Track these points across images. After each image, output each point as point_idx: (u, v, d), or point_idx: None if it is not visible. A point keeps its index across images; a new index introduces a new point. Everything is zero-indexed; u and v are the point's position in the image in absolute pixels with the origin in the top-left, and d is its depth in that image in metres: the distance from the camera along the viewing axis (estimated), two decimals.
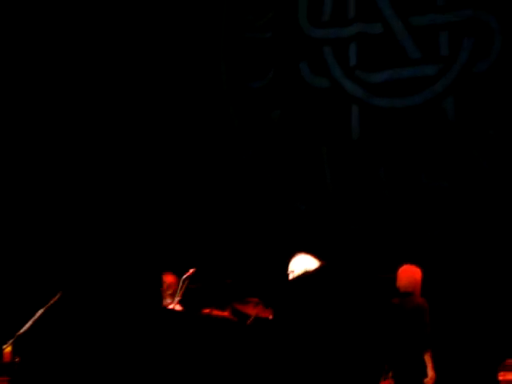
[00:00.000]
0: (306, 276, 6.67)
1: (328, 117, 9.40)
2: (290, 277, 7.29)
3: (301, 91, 9.50)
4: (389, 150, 9.20)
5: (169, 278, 8.36)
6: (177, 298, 7.24)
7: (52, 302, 7.44)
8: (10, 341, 7.37)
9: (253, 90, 9.55)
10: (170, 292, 8.22)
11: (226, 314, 8.85)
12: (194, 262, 7.34)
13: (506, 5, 8.59)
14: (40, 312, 7.39)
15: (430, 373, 7.56)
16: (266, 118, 9.52)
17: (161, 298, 8.23)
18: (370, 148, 9.23)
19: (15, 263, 9.88)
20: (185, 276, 7.20)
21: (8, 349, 7.64)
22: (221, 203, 9.71)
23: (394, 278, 8.01)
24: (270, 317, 7.25)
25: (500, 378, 7.78)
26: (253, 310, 8.79)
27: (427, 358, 7.57)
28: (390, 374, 7.01)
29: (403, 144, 9.13)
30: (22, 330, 7.31)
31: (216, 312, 8.80)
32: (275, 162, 9.42)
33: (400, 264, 7.76)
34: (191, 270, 7.21)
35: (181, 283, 7.27)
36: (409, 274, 7.75)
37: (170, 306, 7.43)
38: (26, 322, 7.32)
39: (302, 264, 7.35)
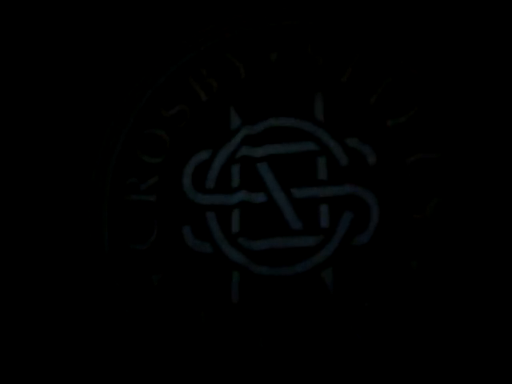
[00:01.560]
0: None
1: (209, 282, 9.46)
2: None
3: (183, 255, 9.57)
4: (268, 316, 9.30)
5: None
6: None
7: None
8: None
9: (135, 252, 9.53)
10: None
11: None
12: None
13: (384, 181, 9.08)
14: None
15: None
16: (147, 281, 9.49)
17: None
18: (249, 314, 9.31)
19: None
20: None
21: None
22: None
23: None
24: None
25: None
26: None
27: None
28: None
29: (282, 312, 9.26)
30: None
31: None
32: (154, 326, 9.31)
33: None
34: None
35: None
36: None
37: None
38: None
39: None
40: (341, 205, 9.35)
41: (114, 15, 9.48)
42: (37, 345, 8.45)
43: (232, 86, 9.66)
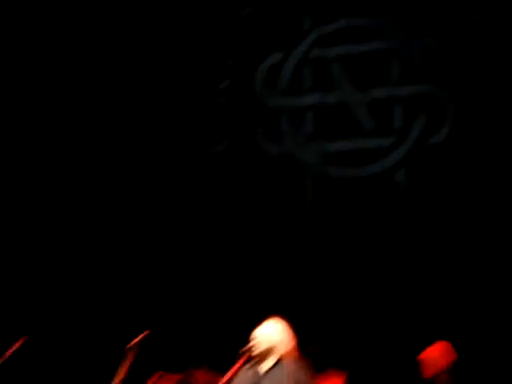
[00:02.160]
0: None
1: (282, 185, 9.49)
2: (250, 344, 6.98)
3: (256, 158, 9.58)
4: (341, 218, 9.32)
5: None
6: (127, 363, 6.95)
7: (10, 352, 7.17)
8: None
9: (208, 156, 9.61)
10: None
11: (175, 378, 8.67)
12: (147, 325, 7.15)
13: (459, 80, 8.93)
14: None
15: None
16: (224, 184, 9.58)
17: None
18: (323, 215, 9.34)
19: None
20: (135, 340, 6.97)
21: None
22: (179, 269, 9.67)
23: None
24: None
25: None
26: (202, 377, 8.65)
27: None
28: None
29: (356, 214, 9.27)
30: None
31: (167, 377, 8.61)
32: (230, 230, 9.45)
33: None
34: (143, 334, 6.98)
35: (132, 347, 7.00)
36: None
37: None
38: None
39: (267, 330, 6.99)
40: (415, 105, 9.23)
41: None
42: None
43: None
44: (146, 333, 7.00)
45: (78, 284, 9.85)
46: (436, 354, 7.50)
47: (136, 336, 6.99)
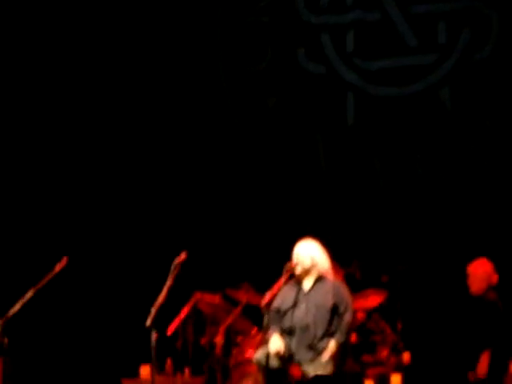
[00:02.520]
0: None
1: (323, 103, 9.38)
2: (293, 262, 7.20)
3: (297, 77, 9.46)
4: (384, 138, 9.20)
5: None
6: (168, 283, 7.05)
7: (42, 283, 7.29)
8: None
9: (249, 75, 9.50)
10: None
11: (216, 299, 8.80)
12: (187, 246, 7.21)
13: None
14: (30, 293, 7.22)
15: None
16: (262, 104, 9.50)
17: None
18: (365, 136, 9.23)
19: (5, 244, 9.76)
20: (176, 261, 7.04)
21: None
22: (216, 189, 9.69)
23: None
24: (261, 303, 7.17)
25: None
26: (243, 296, 8.79)
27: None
28: None
29: (398, 133, 9.14)
30: (11, 312, 7.13)
31: (207, 297, 8.75)
32: (271, 147, 9.40)
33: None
34: (182, 255, 7.05)
35: (172, 267, 7.08)
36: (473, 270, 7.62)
37: None
38: (16, 304, 7.14)
39: (308, 251, 7.26)
40: (459, 20, 8.95)
41: None
42: None
43: None
44: (184, 253, 7.06)
45: (116, 204, 9.96)
46: (484, 270, 7.54)
47: (176, 256, 7.07)
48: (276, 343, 7.17)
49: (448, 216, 8.97)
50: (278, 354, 7.10)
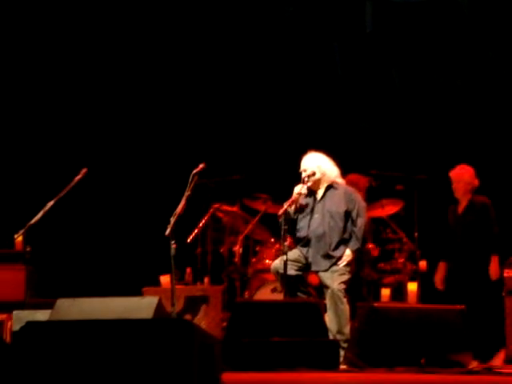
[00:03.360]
0: None
1: (342, 11, 9.24)
2: (303, 176, 7.27)
3: None
4: (402, 46, 9.09)
5: None
6: (186, 193, 7.08)
7: (62, 193, 7.37)
8: (22, 230, 7.31)
9: None
10: None
11: (234, 209, 8.88)
12: (204, 157, 7.23)
13: None
14: (51, 203, 7.30)
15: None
16: (281, 12, 9.38)
17: None
18: (383, 44, 9.11)
19: (28, 155, 9.83)
20: (194, 171, 7.07)
21: (20, 238, 7.64)
22: (233, 99, 9.67)
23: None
24: (278, 213, 7.24)
25: (504, 274, 7.90)
26: (262, 206, 8.86)
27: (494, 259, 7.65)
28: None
29: (416, 40, 9.01)
30: (33, 220, 7.23)
31: (225, 207, 8.82)
32: (289, 55, 9.30)
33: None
34: (201, 166, 7.08)
35: (190, 178, 7.11)
36: (456, 176, 7.79)
37: None
38: (38, 213, 7.23)
39: (315, 162, 7.33)
40: None
41: None
42: None
43: None
44: (202, 165, 7.09)
45: (136, 116, 9.97)
46: (466, 174, 7.69)
47: (194, 167, 7.10)
48: (294, 252, 7.27)
49: (462, 127, 8.94)
50: (295, 262, 7.20)
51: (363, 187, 8.34)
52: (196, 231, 8.43)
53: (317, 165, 7.31)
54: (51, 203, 7.33)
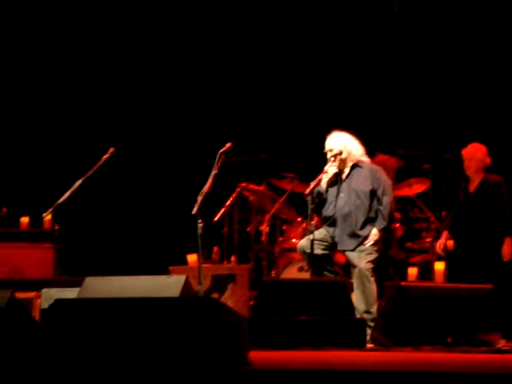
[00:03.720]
0: None
1: None
2: (328, 156, 7.26)
3: None
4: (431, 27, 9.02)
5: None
6: (213, 172, 7.09)
7: (90, 172, 7.41)
8: (50, 209, 7.37)
9: None
10: None
11: (261, 188, 8.89)
12: (231, 136, 7.23)
13: None
14: (78, 182, 7.34)
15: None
16: None
17: None
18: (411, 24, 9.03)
19: (57, 135, 9.89)
20: (221, 150, 7.07)
21: (48, 217, 7.71)
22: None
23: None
24: (305, 192, 7.23)
25: None
26: (288, 185, 8.86)
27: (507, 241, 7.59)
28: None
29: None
30: (61, 199, 7.28)
31: (252, 186, 8.84)
32: None
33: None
34: (228, 145, 7.08)
35: (217, 157, 7.12)
36: (469, 154, 7.74)
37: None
38: (66, 192, 7.28)
39: (340, 141, 7.31)
40: None
41: None
42: None
43: None
44: (229, 144, 7.10)
45: (164, 97, 9.99)
46: (479, 152, 7.62)
47: (221, 146, 7.11)
48: (320, 231, 7.27)
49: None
50: (322, 242, 7.21)
51: (392, 168, 8.31)
52: (223, 210, 8.45)
53: (343, 144, 7.29)
54: (79, 182, 7.37)
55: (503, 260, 7.54)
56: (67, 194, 7.33)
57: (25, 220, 8.26)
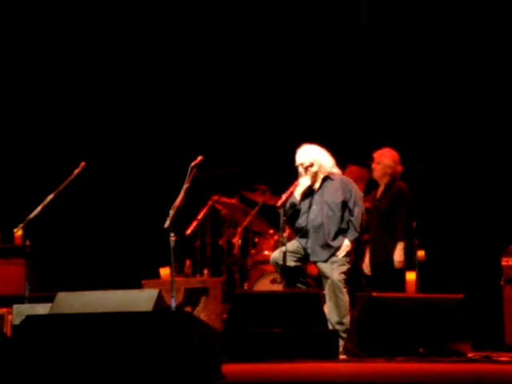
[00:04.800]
0: None
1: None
2: (300, 169, 7.29)
3: None
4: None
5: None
6: (185, 186, 7.10)
7: (61, 187, 7.39)
8: (21, 224, 7.34)
9: None
10: None
11: (233, 201, 8.90)
12: (202, 150, 7.25)
13: None
14: (50, 197, 7.33)
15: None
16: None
17: None
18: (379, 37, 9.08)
19: (26, 150, 9.85)
20: (193, 163, 7.08)
21: (19, 232, 7.66)
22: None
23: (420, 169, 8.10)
24: (277, 204, 7.25)
25: (503, 263, 7.90)
26: (260, 198, 8.88)
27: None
28: None
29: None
30: (32, 214, 7.25)
31: (224, 199, 8.84)
32: None
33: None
34: (199, 158, 7.10)
35: (189, 170, 7.13)
36: (378, 157, 7.74)
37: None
38: (37, 207, 7.25)
39: (311, 154, 7.34)
40: None
41: None
42: None
43: None
44: (200, 157, 7.11)
45: (131, 109, 9.97)
46: (390, 157, 7.67)
47: (192, 160, 7.12)
48: (292, 243, 7.30)
49: None
50: (294, 254, 7.23)
51: (363, 178, 8.35)
52: (195, 223, 8.45)
53: (313, 157, 7.32)
54: (50, 197, 7.35)
55: (394, 267, 7.49)
56: (38, 209, 7.30)
57: None
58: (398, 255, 7.48)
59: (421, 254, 7.86)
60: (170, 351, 4.48)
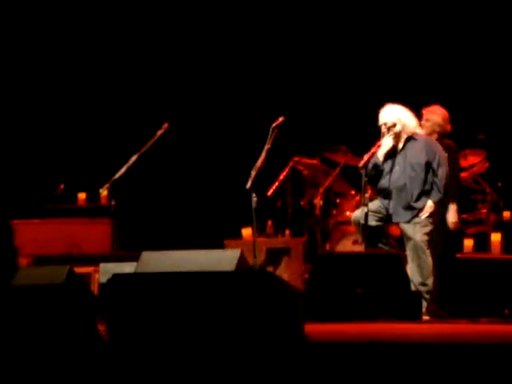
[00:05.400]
0: None
1: None
2: (382, 129, 7.20)
3: None
4: None
5: None
6: (266, 147, 7.10)
7: (145, 148, 7.47)
8: (107, 185, 7.46)
9: None
10: None
11: (314, 161, 8.89)
12: (283, 110, 7.22)
13: None
14: (134, 158, 7.42)
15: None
16: None
17: None
18: None
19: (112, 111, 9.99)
20: (274, 124, 7.08)
21: (105, 192, 7.81)
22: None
23: None
24: (359, 164, 7.19)
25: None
26: (342, 158, 8.85)
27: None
28: None
29: None
30: (117, 175, 7.37)
31: (305, 160, 8.84)
32: None
33: None
34: (280, 119, 7.09)
35: (270, 131, 7.13)
36: (427, 114, 7.53)
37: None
38: (122, 167, 7.36)
39: (395, 114, 7.24)
40: None
41: None
42: None
43: None
44: (281, 118, 7.11)
45: (218, 72, 10.01)
46: (440, 114, 7.45)
47: (274, 121, 7.12)
48: (374, 202, 7.26)
49: None
50: (376, 213, 7.19)
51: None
52: (276, 184, 8.47)
53: (397, 117, 7.22)
54: (134, 158, 7.45)
55: (449, 227, 7.30)
56: (123, 170, 7.42)
57: (82, 196, 8.40)
58: (452, 216, 7.34)
59: (506, 214, 7.75)
60: (253, 311, 4.52)
